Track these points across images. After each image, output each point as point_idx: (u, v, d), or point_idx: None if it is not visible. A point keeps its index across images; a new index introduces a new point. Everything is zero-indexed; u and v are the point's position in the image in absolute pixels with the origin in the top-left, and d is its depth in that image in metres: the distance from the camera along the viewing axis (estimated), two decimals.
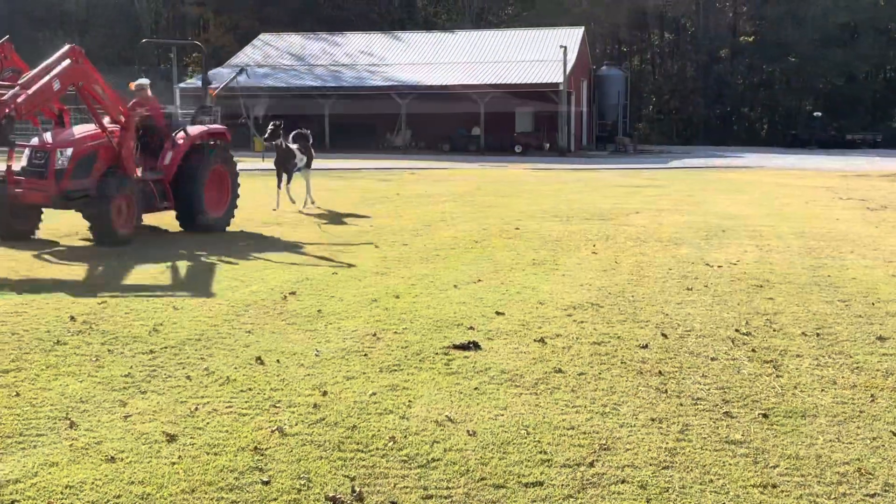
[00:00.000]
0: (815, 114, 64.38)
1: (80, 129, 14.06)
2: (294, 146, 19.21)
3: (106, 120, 14.05)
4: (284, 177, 19.01)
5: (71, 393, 6.34)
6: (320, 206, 19.57)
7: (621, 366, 7.22)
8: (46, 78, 12.75)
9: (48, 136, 13.69)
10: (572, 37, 52.36)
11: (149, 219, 15.18)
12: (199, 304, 9.28)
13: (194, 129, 15.48)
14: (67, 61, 13.04)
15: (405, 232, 15.19)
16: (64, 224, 15.01)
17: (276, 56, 55.34)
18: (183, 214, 15.04)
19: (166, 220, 15.77)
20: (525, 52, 52.08)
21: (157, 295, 9.70)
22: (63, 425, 5.71)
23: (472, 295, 9.94)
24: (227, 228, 15.46)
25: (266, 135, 18.49)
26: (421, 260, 12.31)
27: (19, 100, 12.20)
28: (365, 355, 7.43)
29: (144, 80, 15.40)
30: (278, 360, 7.24)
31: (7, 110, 12.05)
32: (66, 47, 13.26)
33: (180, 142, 15.01)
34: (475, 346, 7.70)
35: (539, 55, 51.04)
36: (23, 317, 8.53)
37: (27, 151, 13.68)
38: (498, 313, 9.01)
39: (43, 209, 14.04)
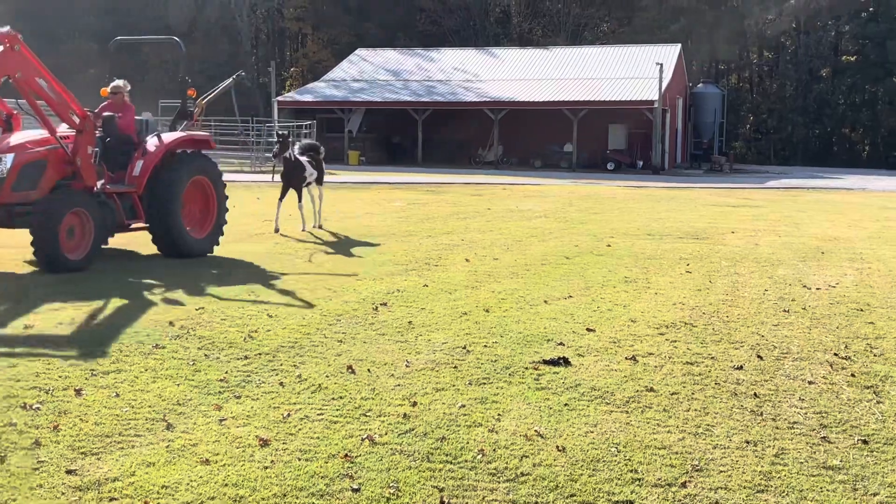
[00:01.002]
0: None
1: (27, 134, 11.95)
2: (304, 158, 17.23)
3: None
4: (297, 194, 17.06)
5: (168, 395, 6.50)
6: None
7: (715, 387, 7.08)
8: None
9: None
10: (669, 54, 51.77)
11: (125, 238, 13.67)
12: (292, 312, 9.43)
13: (170, 136, 13.44)
14: None
15: (496, 246, 15.19)
16: None
17: (372, 71, 56.05)
18: (157, 235, 13.04)
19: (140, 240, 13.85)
20: (620, 69, 51.68)
21: (252, 303, 9.89)
22: (160, 427, 5.86)
23: (563, 311, 9.87)
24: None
25: (274, 149, 16.72)
26: (511, 275, 12.29)
27: None
28: (455, 368, 7.45)
29: (120, 82, 13.36)
30: (369, 370, 7.31)
31: None
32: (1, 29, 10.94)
33: (152, 149, 12.94)
34: (565, 361, 7.65)
35: (634, 72, 50.58)
36: (124, 321, 8.79)
37: None
38: (589, 330, 8.94)
39: None
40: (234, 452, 5.44)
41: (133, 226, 12.82)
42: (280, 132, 16.72)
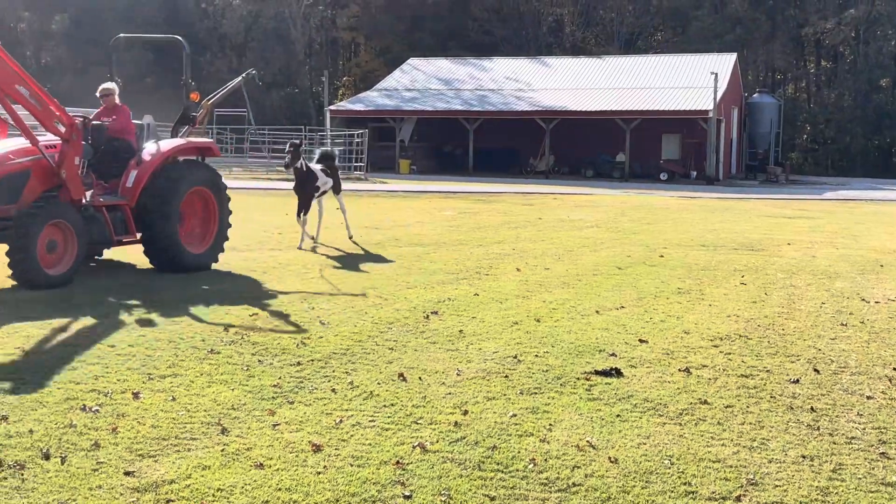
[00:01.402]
0: None
1: (11, 143, 11.34)
2: (317, 167, 16.44)
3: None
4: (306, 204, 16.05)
5: (223, 400, 6.59)
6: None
7: (770, 400, 6.98)
8: None
9: None
10: (724, 63, 51.24)
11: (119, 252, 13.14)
12: (344, 319, 9.49)
13: (168, 144, 12.75)
14: None
15: (547, 256, 15.15)
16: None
17: (424, 80, 56.27)
18: (151, 250, 12.30)
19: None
20: (674, 79, 51.27)
21: (304, 310, 9.97)
22: (215, 430, 5.94)
23: (615, 321, 9.82)
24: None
25: (286, 159, 15.60)
26: (562, 285, 12.25)
27: None
28: (506, 377, 7.44)
29: (110, 84, 12.69)
30: (420, 378, 7.33)
31: None
32: None
33: (147, 158, 12.25)
34: (617, 372, 7.60)
35: (688, 81, 50.15)
36: (179, 325, 8.92)
37: None
38: (641, 341, 8.87)
39: None
40: (288, 457, 5.50)
41: (124, 241, 12.04)
42: (292, 141, 15.73)
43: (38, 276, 10.58)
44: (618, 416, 6.49)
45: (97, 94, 12.58)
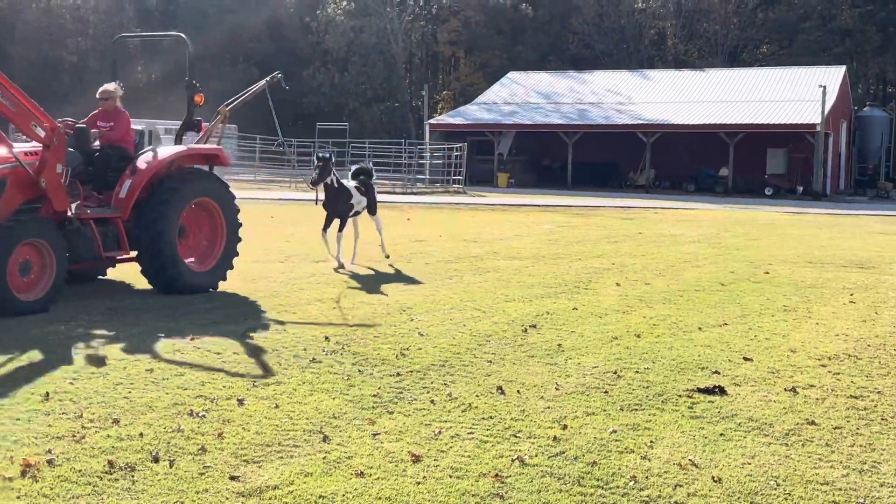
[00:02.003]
0: None
1: None
2: (351, 184, 14.79)
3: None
4: (340, 223, 14.55)
5: (324, 408, 6.69)
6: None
7: (882, 422, 6.75)
8: None
9: None
10: (832, 76, 49.85)
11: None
12: (443, 332, 9.54)
13: (166, 151, 11.57)
14: None
15: (647, 271, 14.95)
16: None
17: (523, 94, 56.26)
18: (146, 268, 11.08)
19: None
20: (780, 92, 50.08)
21: (403, 321, 10.05)
22: (317, 438, 6.03)
23: (718, 339, 9.62)
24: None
25: (313, 175, 14.23)
26: (664, 300, 12.07)
27: None
28: (605, 392, 7.37)
29: (110, 86, 11.62)
30: (518, 391, 7.32)
31: None
32: None
33: (143, 167, 11.04)
34: (721, 390, 7.45)
35: (795, 94, 48.94)
36: (282, 335, 9.09)
37: None
38: (745, 359, 8.68)
39: None
40: (388, 467, 5.55)
41: (116, 258, 11.04)
42: (321, 154, 14.26)
43: (8, 303, 9.40)
44: (721, 434, 6.36)
45: (97, 96, 11.54)
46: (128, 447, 5.71)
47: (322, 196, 14.47)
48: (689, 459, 5.81)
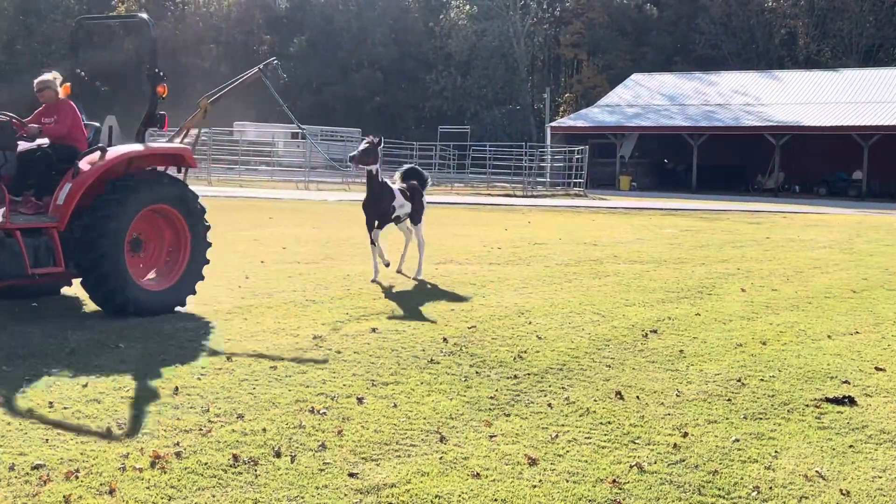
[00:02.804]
0: None
1: None
2: (396, 186, 13.23)
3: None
4: (379, 226, 13.00)
5: (442, 409, 6.73)
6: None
7: None
8: None
9: None
10: None
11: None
12: (561, 335, 9.48)
13: (116, 150, 9.88)
14: None
15: (774, 277, 14.52)
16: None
17: (647, 96, 55.47)
18: (88, 284, 9.50)
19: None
20: None
21: (521, 324, 10.03)
22: (434, 438, 6.08)
23: (848, 347, 9.27)
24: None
25: (357, 152, 12.61)
26: (791, 307, 11.70)
27: None
28: (728, 400, 7.19)
29: (46, 76, 10.07)
30: (638, 397, 7.21)
31: None
32: None
33: (85, 168, 9.48)
34: (850, 401, 7.17)
35: None
36: (401, 335, 9.20)
37: None
38: (878, 369, 8.33)
39: None
40: (504, 469, 5.54)
41: (45, 273, 9.22)
42: (369, 138, 12.86)
43: None
44: (850, 446, 6.13)
45: (34, 89, 10.04)
46: (251, 442, 5.87)
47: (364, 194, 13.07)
48: (816, 471, 5.62)
